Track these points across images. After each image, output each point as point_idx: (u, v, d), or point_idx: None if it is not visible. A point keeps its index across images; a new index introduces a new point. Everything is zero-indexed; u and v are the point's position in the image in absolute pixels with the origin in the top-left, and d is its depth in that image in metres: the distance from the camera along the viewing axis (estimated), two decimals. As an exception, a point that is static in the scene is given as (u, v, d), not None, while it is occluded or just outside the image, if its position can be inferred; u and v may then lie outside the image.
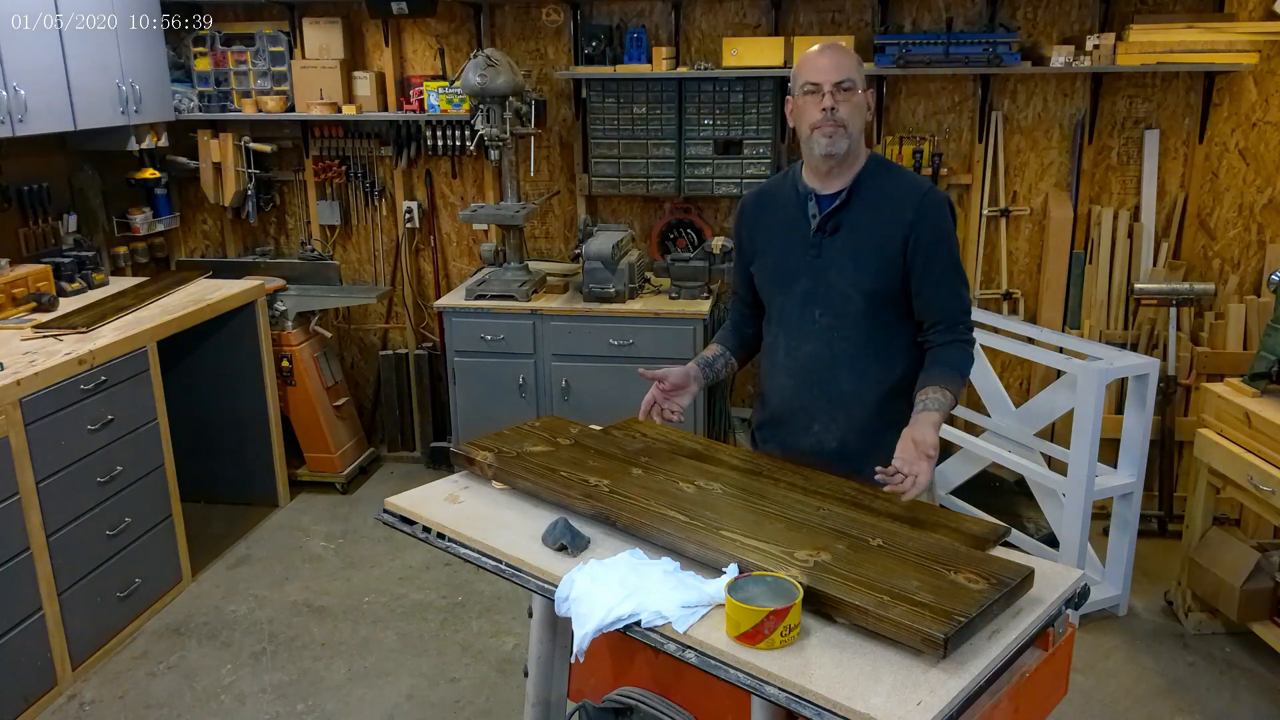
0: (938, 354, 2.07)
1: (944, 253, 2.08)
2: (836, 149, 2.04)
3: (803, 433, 2.18)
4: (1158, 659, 3.23)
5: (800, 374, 2.16)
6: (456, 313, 3.99)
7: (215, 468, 4.29)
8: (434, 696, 3.09)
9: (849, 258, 2.08)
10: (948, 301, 2.08)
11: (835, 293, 2.09)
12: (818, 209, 2.11)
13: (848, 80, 2.02)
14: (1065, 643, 1.68)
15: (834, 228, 2.09)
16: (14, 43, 3.39)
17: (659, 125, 4.19)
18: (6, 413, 2.85)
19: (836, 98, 2.01)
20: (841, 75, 2.01)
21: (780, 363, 2.20)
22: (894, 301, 2.09)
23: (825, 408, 2.14)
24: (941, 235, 2.08)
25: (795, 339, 2.15)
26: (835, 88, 2.01)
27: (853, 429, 2.13)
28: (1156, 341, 3.98)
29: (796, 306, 2.14)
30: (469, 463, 2.11)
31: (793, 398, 2.18)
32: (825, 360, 2.12)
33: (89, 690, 3.14)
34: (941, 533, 1.78)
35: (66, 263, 3.87)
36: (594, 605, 1.59)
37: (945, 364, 2.05)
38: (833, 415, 2.14)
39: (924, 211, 2.05)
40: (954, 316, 2.08)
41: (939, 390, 1.99)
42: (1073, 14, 3.97)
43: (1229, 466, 3.11)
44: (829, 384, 2.12)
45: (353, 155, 4.57)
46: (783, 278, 2.16)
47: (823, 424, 2.15)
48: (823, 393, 2.13)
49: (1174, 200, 4.07)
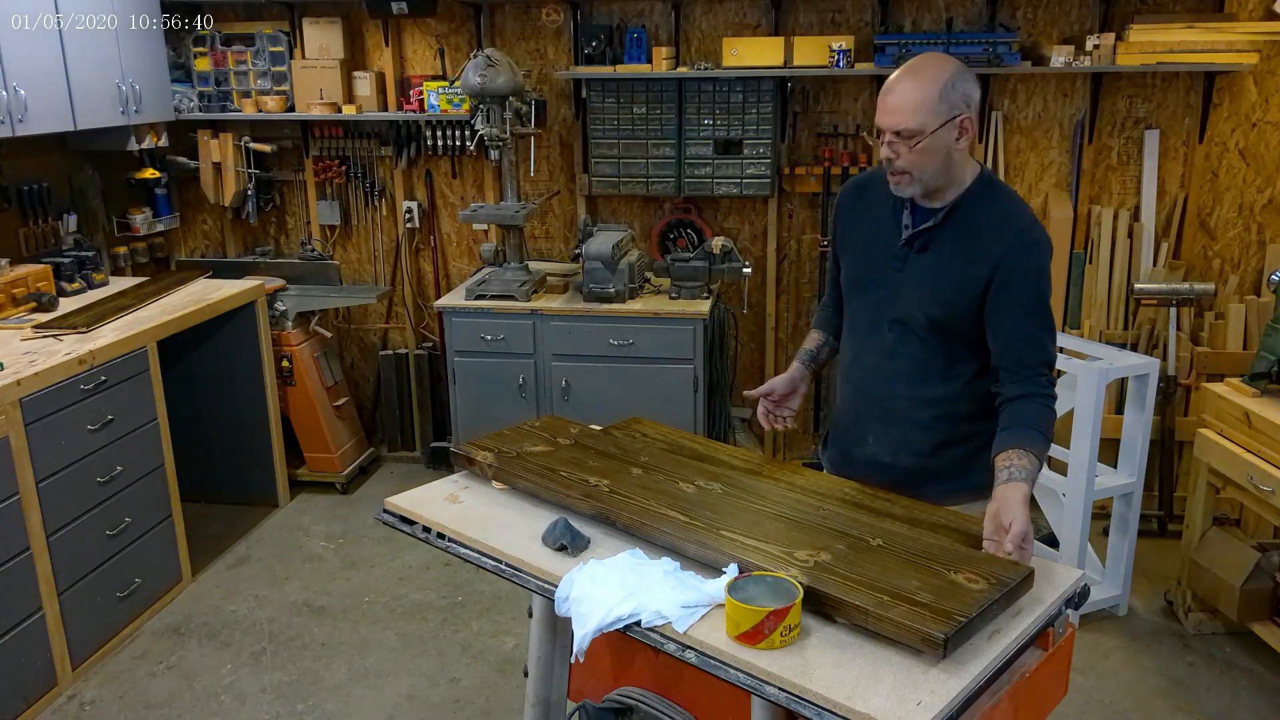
0: (1018, 410, 1.89)
1: (1029, 296, 1.89)
2: (905, 194, 1.93)
3: (858, 444, 2.12)
4: (1158, 659, 3.22)
5: (860, 384, 2.11)
6: (456, 313, 3.99)
7: (215, 468, 4.29)
8: (434, 696, 3.09)
9: (927, 280, 1.95)
10: (1026, 349, 1.90)
11: (905, 311, 1.99)
12: (911, 221, 1.98)
13: (908, 130, 1.82)
14: (1065, 643, 1.68)
15: (922, 245, 1.97)
16: (14, 43, 3.39)
17: (659, 125, 4.19)
18: (6, 413, 2.85)
19: (895, 148, 1.85)
20: (900, 125, 1.83)
21: (845, 370, 2.16)
22: (964, 332, 1.96)
23: (878, 422, 2.08)
24: (1029, 278, 1.90)
25: (861, 349, 2.10)
26: (895, 136, 1.85)
27: (906, 448, 2.05)
28: (1156, 341, 3.98)
29: (868, 315, 2.07)
30: (469, 463, 2.11)
31: (851, 407, 2.14)
32: (885, 375, 2.04)
33: (89, 690, 3.14)
34: (941, 533, 1.78)
35: (66, 263, 3.87)
36: (594, 605, 1.59)
37: (1027, 424, 1.85)
38: (886, 431, 2.07)
39: (1015, 249, 1.88)
40: (1032, 368, 1.90)
41: (1023, 455, 1.79)
42: (1073, 14, 3.98)
43: (1229, 466, 3.11)
44: (885, 399, 2.06)
45: (353, 155, 4.57)
46: (862, 282, 2.08)
47: (876, 438, 2.09)
48: (878, 407, 2.07)
49: (1174, 200, 4.07)
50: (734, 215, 4.42)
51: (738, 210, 4.41)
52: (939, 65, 1.86)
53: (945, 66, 1.85)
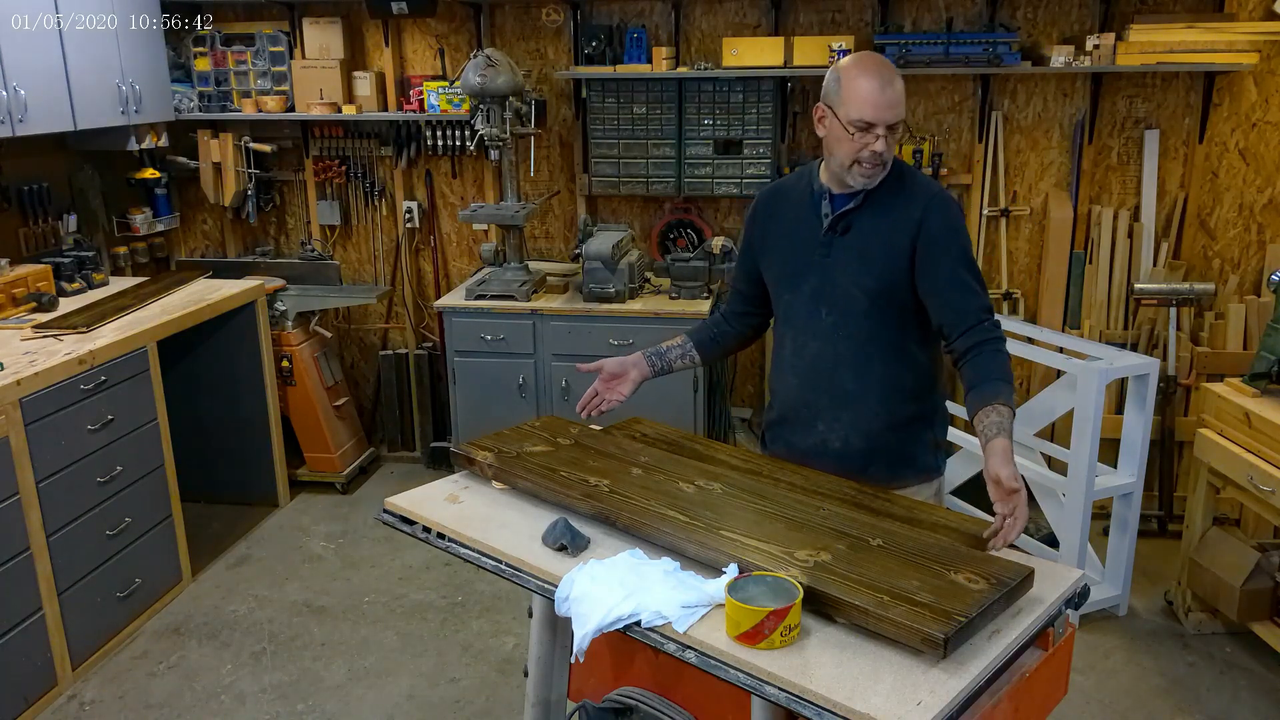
0: (975, 365, 1.96)
1: (954, 249, 2.00)
2: (874, 183, 2.02)
3: (807, 432, 2.16)
4: (1158, 659, 3.23)
5: (805, 373, 2.14)
6: (456, 313, 3.99)
7: (215, 468, 4.29)
8: (434, 696, 3.09)
9: (856, 257, 2.04)
10: (963, 299, 1.99)
11: (841, 292, 2.06)
12: (830, 209, 2.08)
13: (901, 120, 1.97)
14: (1065, 643, 1.68)
15: (845, 228, 2.06)
16: (14, 43, 3.39)
17: (659, 125, 4.19)
18: (6, 413, 2.85)
19: (888, 140, 1.95)
20: (897, 117, 1.95)
21: (787, 361, 2.19)
22: (899, 302, 2.04)
23: (829, 407, 2.12)
24: (950, 232, 2.01)
25: (802, 338, 2.14)
26: (889, 130, 1.95)
27: (856, 429, 2.11)
28: (1156, 341, 3.98)
29: (804, 305, 2.12)
30: (469, 463, 2.11)
31: (798, 397, 2.17)
32: (830, 360, 2.10)
33: (89, 690, 3.14)
34: (941, 533, 1.78)
35: (66, 263, 3.87)
36: (594, 605, 1.59)
37: (988, 377, 1.93)
38: (836, 415, 2.12)
39: (931, 209, 2.01)
40: (973, 316, 1.98)
41: (995, 409, 1.87)
42: (1073, 14, 3.98)
43: (1229, 466, 3.11)
44: (833, 384, 2.11)
45: (353, 155, 4.57)
46: (792, 276, 2.14)
47: (826, 423, 2.13)
48: (826, 392, 2.12)
49: (1174, 200, 4.07)
50: (734, 215, 4.42)
51: (738, 210, 4.41)
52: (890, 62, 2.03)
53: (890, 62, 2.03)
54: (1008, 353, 2.00)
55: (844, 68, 1.99)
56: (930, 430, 2.17)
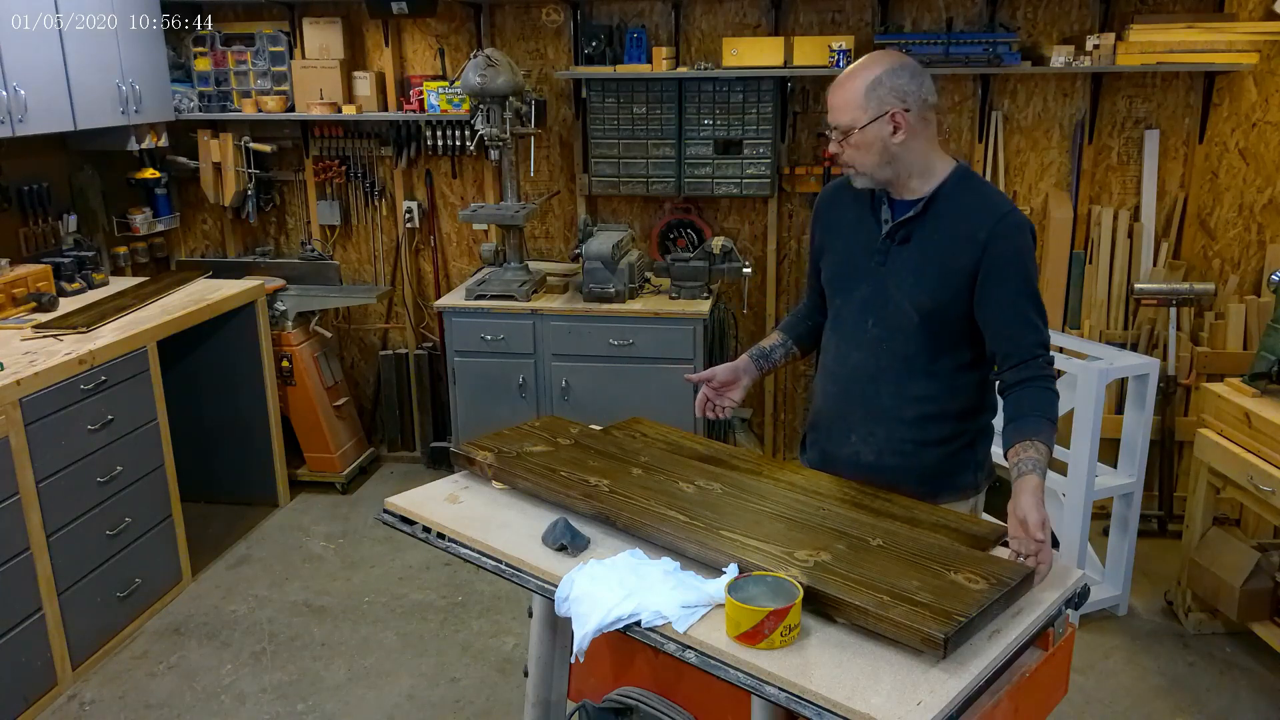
0: (1019, 399, 1.90)
1: (1018, 279, 1.90)
2: (858, 185, 1.99)
3: (842, 442, 2.11)
4: (1158, 659, 3.23)
5: (845, 382, 2.09)
6: (456, 313, 3.99)
7: (215, 468, 4.29)
8: (434, 696, 3.09)
9: (911, 271, 1.96)
10: (1020, 332, 1.91)
11: (892, 306, 1.99)
12: (891, 214, 2.00)
13: (841, 125, 1.91)
14: (1065, 643, 1.68)
15: (904, 237, 1.98)
16: (14, 43, 3.39)
17: (659, 125, 4.19)
18: (6, 413, 2.85)
19: (840, 143, 1.94)
20: (837, 121, 1.92)
21: (829, 368, 2.14)
22: (951, 324, 1.96)
23: (863, 420, 2.07)
24: (1016, 260, 1.90)
25: (846, 346, 2.09)
26: (837, 132, 1.93)
27: (889, 445, 2.04)
28: (1156, 341, 3.98)
29: (853, 313, 2.06)
30: (469, 463, 2.11)
31: (835, 405, 2.13)
32: (870, 372, 2.04)
33: (89, 690, 3.14)
34: (941, 533, 1.78)
35: (66, 263, 3.87)
36: (594, 605, 1.59)
37: (1031, 412, 1.87)
38: (870, 429, 2.06)
39: (999, 233, 1.89)
40: (1028, 350, 1.90)
41: (1032, 446, 1.81)
42: (1073, 14, 3.98)
43: (1229, 466, 3.11)
44: (870, 396, 2.05)
45: (353, 155, 4.57)
46: (845, 279, 2.08)
47: (860, 436, 2.07)
48: (861, 404, 2.06)
49: (1174, 200, 4.07)
50: (734, 215, 4.43)
51: (738, 210, 4.41)
52: (870, 63, 1.92)
53: (877, 64, 1.91)
54: (1057, 392, 1.92)
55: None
56: (970, 450, 2.08)
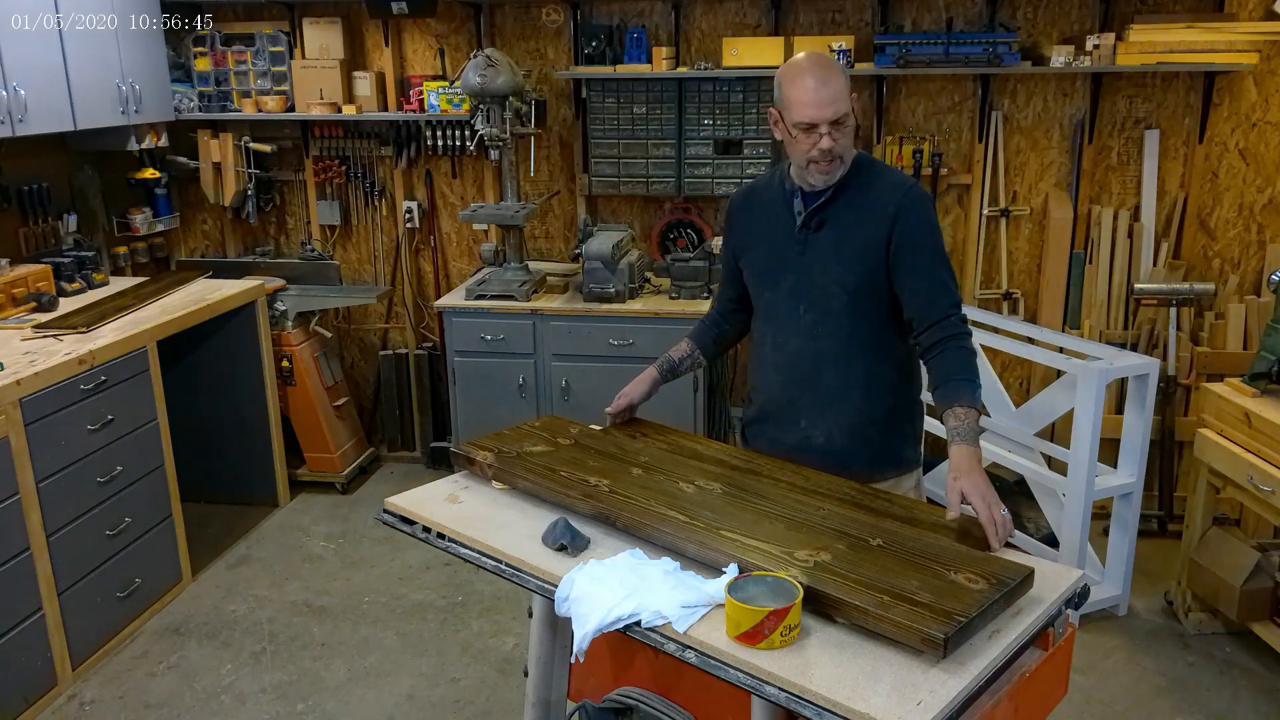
0: (941, 362, 2.00)
1: (928, 244, 2.04)
2: (834, 179, 2.05)
3: (790, 428, 2.18)
4: (1158, 659, 3.22)
5: (787, 369, 2.16)
6: (456, 313, 3.99)
7: (215, 468, 4.29)
8: (434, 696, 3.09)
9: (832, 253, 2.07)
10: (933, 292, 2.02)
11: (819, 289, 2.09)
12: (803, 206, 2.11)
13: (843, 114, 1.97)
14: (1065, 643, 1.68)
15: (819, 224, 2.09)
16: (14, 43, 3.39)
17: (659, 125, 4.19)
18: (6, 413, 2.85)
19: (834, 136, 1.97)
20: (837, 112, 1.96)
21: (768, 358, 2.20)
22: (877, 296, 2.07)
23: (812, 404, 2.14)
24: (924, 227, 2.04)
25: (782, 334, 2.16)
26: (832, 126, 1.97)
27: (839, 425, 2.13)
28: (1156, 341, 3.98)
29: (783, 302, 2.15)
30: (469, 463, 2.11)
31: (780, 393, 2.19)
32: (811, 356, 2.12)
33: (89, 690, 3.14)
34: (942, 533, 1.78)
35: (66, 263, 3.87)
36: (594, 605, 1.59)
37: (954, 375, 1.97)
38: (820, 412, 2.14)
39: (906, 205, 2.03)
40: (942, 310, 2.01)
41: (964, 410, 1.91)
42: (1073, 14, 3.97)
43: (1229, 466, 3.11)
44: (815, 380, 2.13)
45: (353, 155, 4.57)
46: (769, 273, 2.17)
47: (809, 420, 2.15)
48: (809, 388, 2.14)
49: (1174, 200, 4.07)
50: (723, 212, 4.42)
51: (738, 210, 4.40)
52: (830, 57, 2.07)
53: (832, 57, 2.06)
54: (973, 349, 2.03)
55: (784, 71, 2.02)
56: (910, 423, 2.21)
